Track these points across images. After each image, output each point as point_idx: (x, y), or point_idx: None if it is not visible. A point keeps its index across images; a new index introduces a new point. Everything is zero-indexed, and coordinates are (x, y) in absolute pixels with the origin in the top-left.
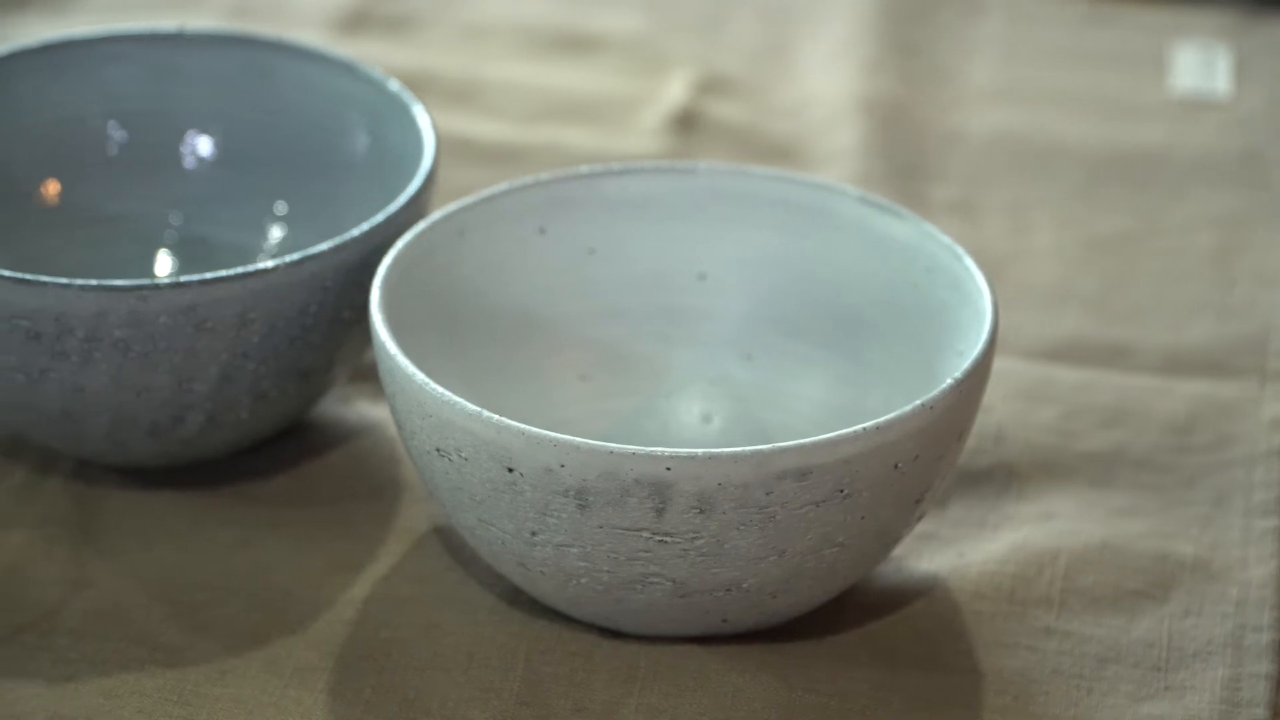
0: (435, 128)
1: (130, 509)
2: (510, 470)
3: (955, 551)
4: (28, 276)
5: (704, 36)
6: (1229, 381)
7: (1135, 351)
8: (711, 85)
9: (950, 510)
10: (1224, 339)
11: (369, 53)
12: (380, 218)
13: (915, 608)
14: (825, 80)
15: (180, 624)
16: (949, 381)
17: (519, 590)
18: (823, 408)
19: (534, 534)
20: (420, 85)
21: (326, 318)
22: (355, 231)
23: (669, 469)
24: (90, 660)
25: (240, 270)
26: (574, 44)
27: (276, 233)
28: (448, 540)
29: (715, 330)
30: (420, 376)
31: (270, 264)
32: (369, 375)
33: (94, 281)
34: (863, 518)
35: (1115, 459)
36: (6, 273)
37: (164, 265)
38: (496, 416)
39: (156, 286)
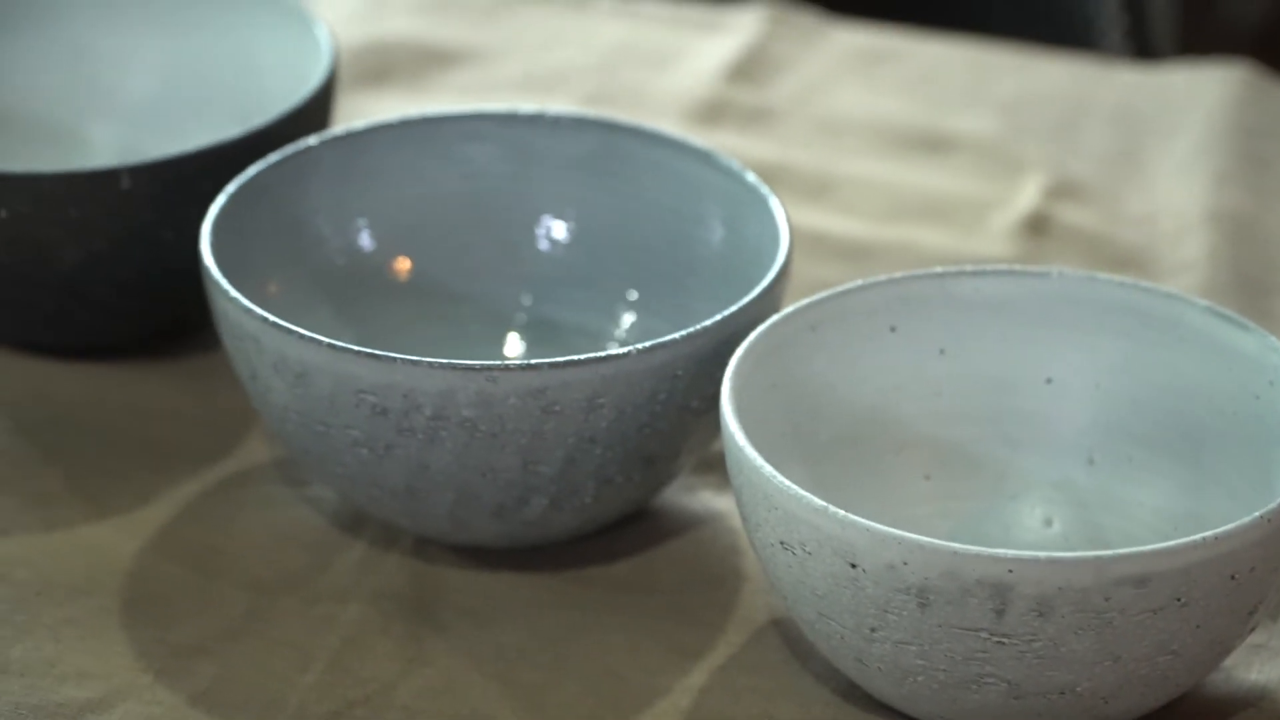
0: (790, 221)
1: (469, 588)
2: (853, 566)
3: None
4: (377, 352)
5: (1057, 142)
6: None
7: None
8: (1063, 191)
9: None
10: None
11: (726, 143)
12: (733, 309)
13: (1242, 718)
14: (1175, 190)
15: (514, 705)
16: None
17: (855, 685)
18: (1162, 515)
19: (873, 630)
20: (775, 178)
21: (675, 406)
22: (708, 321)
23: (1010, 571)
24: None
25: (591, 355)
26: (929, 144)
27: (627, 319)
28: (786, 632)
29: (1058, 434)
30: (768, 469)
31: (622, 350)
32: (714, 465)
33: (443, 360)
34: (1197, 626)
35: None
36: (356, 347)
37: (513, 346)
38: (842, 512)
39: (506, 368)
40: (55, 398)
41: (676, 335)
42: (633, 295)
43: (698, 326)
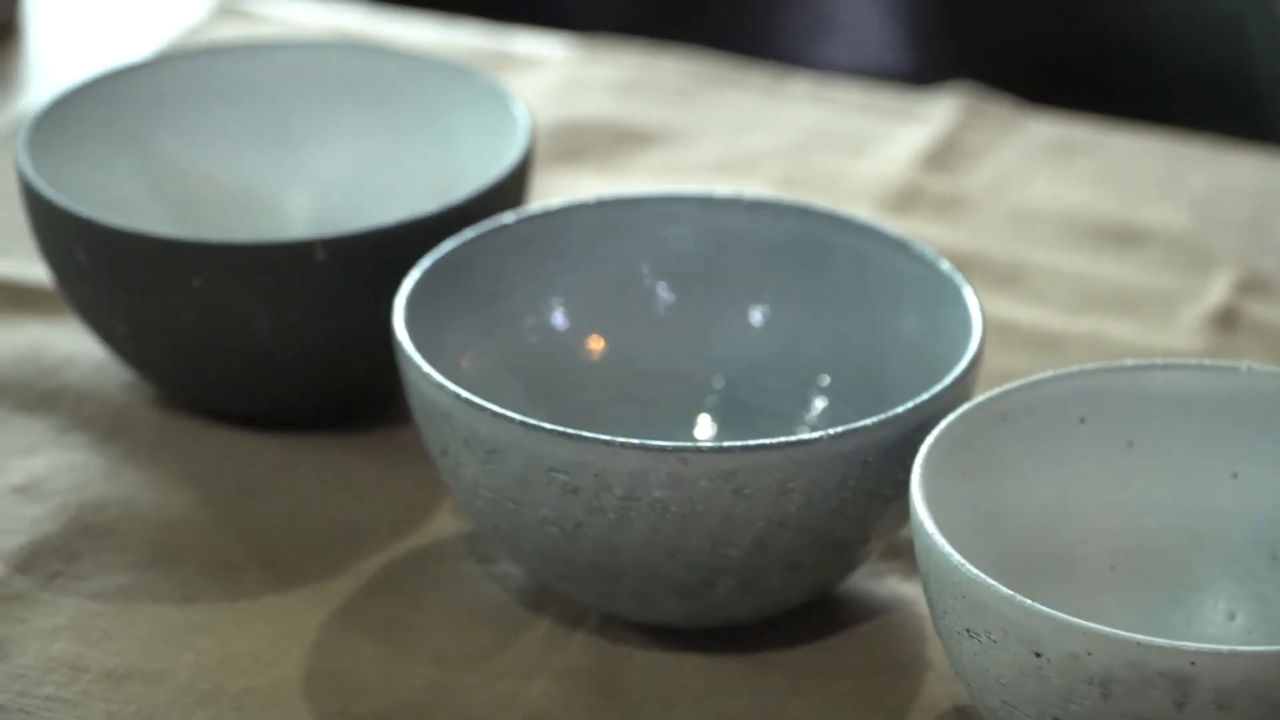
0: (982, 310)
1: (653, 668)
2: (1037, 655)
3: None
4: (570, 431)
5: (1248, 236)
6: None
7: None
8: (1253, 285)
9: None
10: None
11: (918, 231)
12: (925, 397)
13: None
14: None
15: None
16: None
17: None
18: None
19: (1056, 719)
20: (967, 266)
21: (865, 492)
22: (900, 409)
23: (1193, 663)
24: None
25: (783, 439)
26: (1120, 235)
27: (818, 404)
28: None
29: (1244, 528)
30: (956, 557)
31: (813, 435)
32: (901, 551)
33: (635, 441)
34: None
35: None
36: (548, 426)
37: (704, 428)
38: (1028, 601)
39: (698, 450)
40: (245, 468)
41: (868, 422)
42: (824, 380)
43: (889, 414)
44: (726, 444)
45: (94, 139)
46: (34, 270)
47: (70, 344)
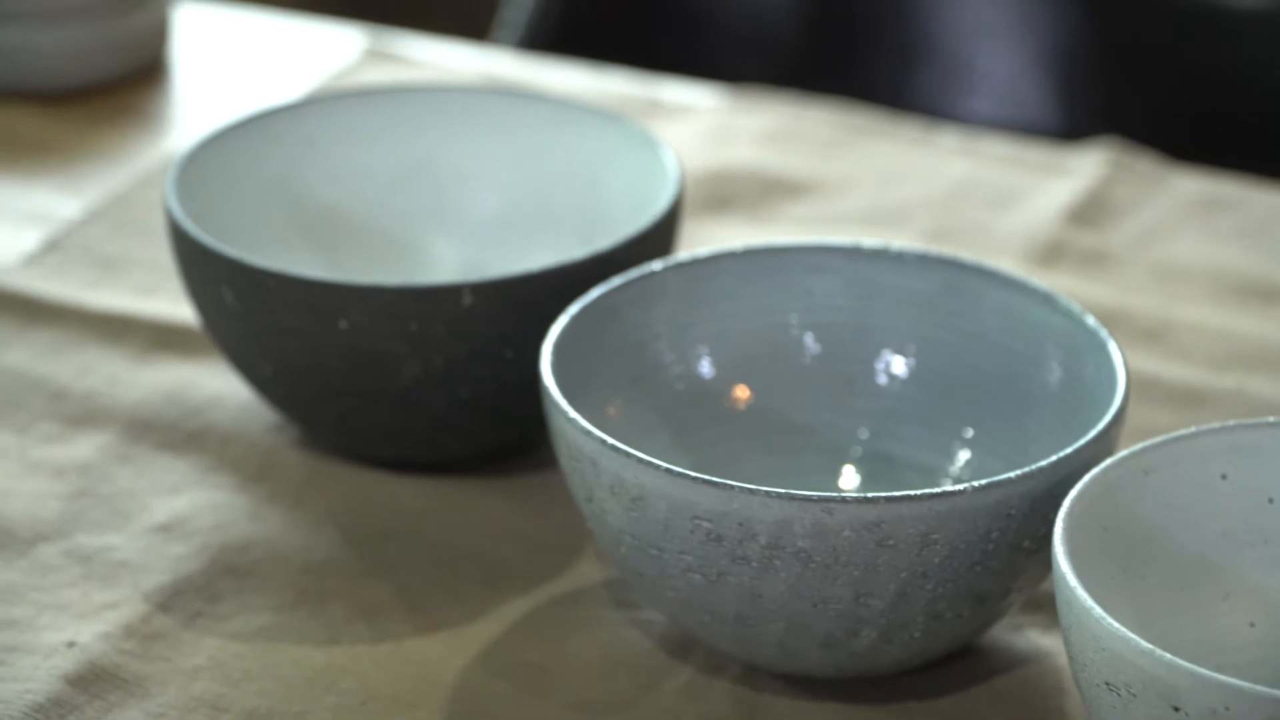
0: (1126, 365)
1: (794, 716)
2: (1176, 709)
3: None
4: (715, 479)
5: None
6: None
7: None
8: None
9: None
10: None
11: (1063, 285)
12: (1069, 450)
13: None
14: None
15: None
16: None
17: None
18: None
19: None
20: (1112, 321)
21: (1008, 544)
22: (1044, 462)
23: None
24: None
25: (927, 491)
26: (1264, 292)
27: (962, 456)
28: None
29: None
30: (1097, 610)
31: (957, 487)
32: (1042, 604)
33: (780, 490)
34: None
35: None
36: (694, 474)
37: (848, 479)
38: (1168, 655)
39: (843, 500)
40: (389, 511)
41: (1012, 474)
42: (968, 433)
43: (1033, 466)
44: (871, 494)
45: (242, 180)
46: (181, 310)
47: (216, 385)
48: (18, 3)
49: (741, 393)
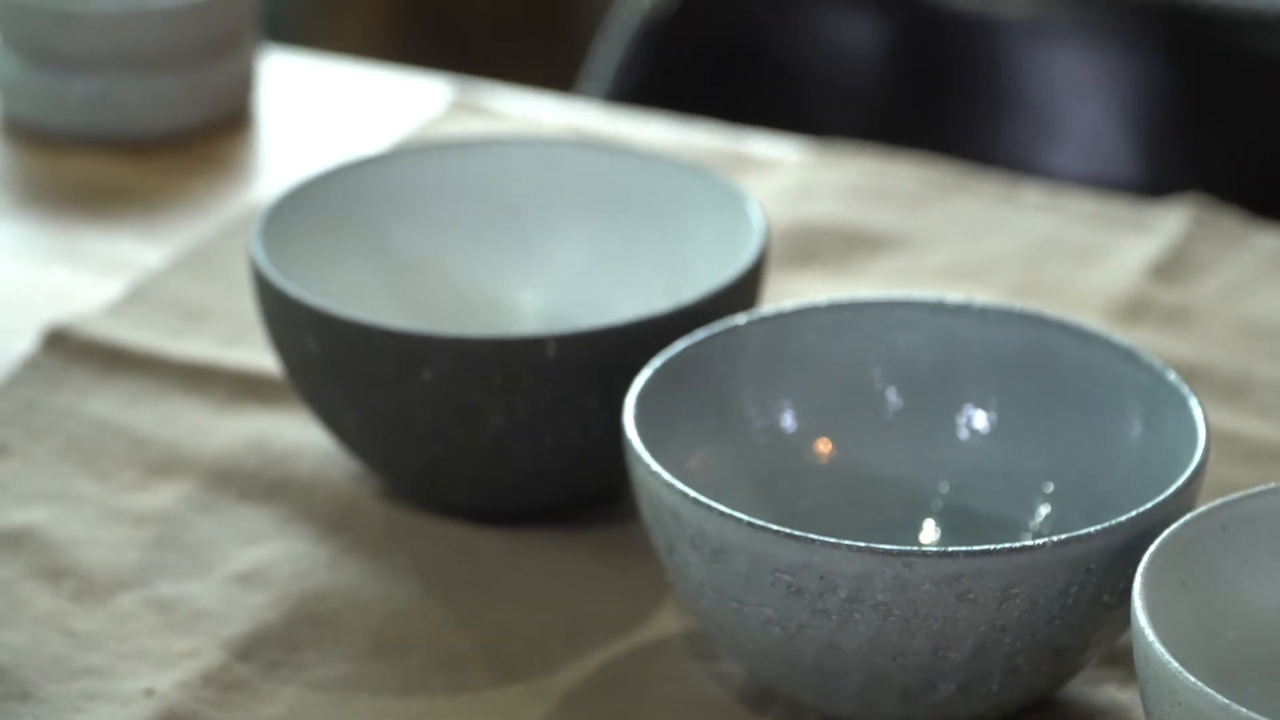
0: (1207, 421)
1: None
2: None
3: None
4: (796, 532)
5: None
6: None
7: None
8: None
9: None
10: None
11: (1146, 341)
12: (1148, 506)
13: None
14: None
15: None
16: None
17: None
18: None
19: None
20: (1194, 377)
21: (1087, 599)
22: (1123, 517)
23: None
24: None
25: (1007, 545)
26: None
27: (1042, 510)
28: None
29: None
30: (1174, 665)
31: (1037, 542)
32: (1120, 659)
33: (861, 543)
34: None
35: None
36: (775, 527)
37: (928, 532)
38: (1244, 710)
39: (923, 554)
40: (470, 560)
41: (1091, 529)
42: (1049, 487)
43: (1112, 522)
44: (951, 549)
45: (327, 231)
46: (263, 359)
47: (298, 434)
48: (106, 52)
49: (823, 446)
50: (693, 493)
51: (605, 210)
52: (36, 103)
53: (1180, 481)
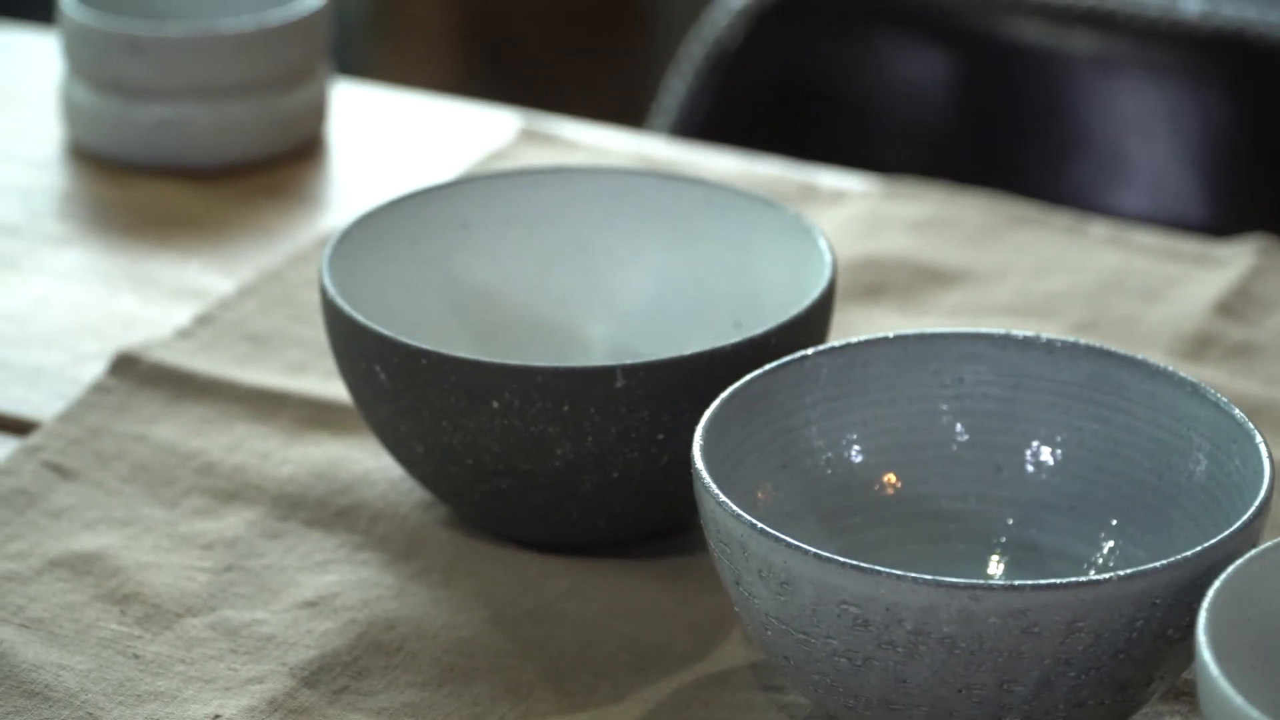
0: (1273, 458)
1: None
2: None
3: None
4: (863, 565)
5: None
6: None
7: None
8: None
9: None
10: None
11: (1211, 377)
12: (1213, 541)
13: None
14: None
15: None
16: None
17: None
18: None
19: None
20: (1259, 413)
21: (1151, 633)
22: (1189, 552)
23: None
24: None
25: (1073, 579)
26: None
27: (1107, 545)
28: None
29: None
30: (1239, 700)
31: (1103, 576)
32: (1184, 693)
33: (927, 576)
34: None
35: None
36: (842, 559)
37: (994, 566)
38: None
39: (989, 587)
40: (537, 590)
41: (1156, 564)
42: (1114, 522)
43: (1178, 556)
44: (1017, 582)
45: (396, 259)
46: (333, 388)
47: (367, 462)
48: (175, 79)
49: (890, 479)
50: (760, 524)
51: (674, 241)
52: (105, 130)
53: (1245, 517)
